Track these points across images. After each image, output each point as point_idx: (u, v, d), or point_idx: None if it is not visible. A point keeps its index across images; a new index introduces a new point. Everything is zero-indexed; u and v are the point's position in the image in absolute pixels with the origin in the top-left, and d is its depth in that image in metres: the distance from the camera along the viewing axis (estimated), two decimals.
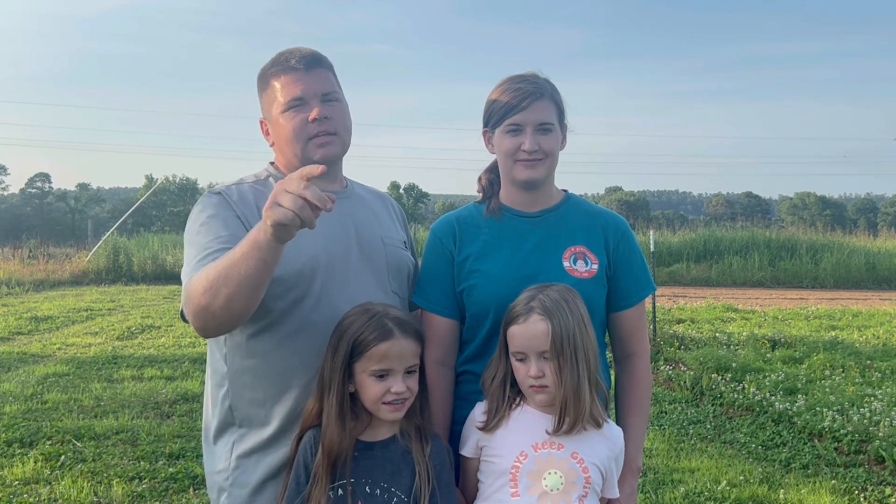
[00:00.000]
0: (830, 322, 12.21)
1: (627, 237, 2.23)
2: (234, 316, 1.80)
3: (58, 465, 5.29)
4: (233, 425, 2.09)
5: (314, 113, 2.06)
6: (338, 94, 2.15)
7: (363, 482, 1.88)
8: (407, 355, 1.90)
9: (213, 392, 2.16)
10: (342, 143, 2.15)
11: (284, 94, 2.08)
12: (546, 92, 2.13)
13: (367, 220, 2.22)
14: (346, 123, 2.16)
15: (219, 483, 2.09)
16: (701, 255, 22.32)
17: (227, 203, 2.05)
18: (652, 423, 6.57)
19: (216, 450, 2.13)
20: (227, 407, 2.09)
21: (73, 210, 69.59)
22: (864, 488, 5.01)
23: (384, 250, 2.19)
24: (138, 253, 22.29)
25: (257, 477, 2.03)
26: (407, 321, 1.94)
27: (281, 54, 2.15)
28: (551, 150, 2.13)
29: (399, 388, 1.88)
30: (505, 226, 2.20)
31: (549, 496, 1.91)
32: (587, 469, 1.93)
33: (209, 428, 2.16)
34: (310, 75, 2.09)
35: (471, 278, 2.16)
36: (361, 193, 2.30)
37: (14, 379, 8.07)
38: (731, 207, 77.91)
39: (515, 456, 1.95)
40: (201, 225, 2.01)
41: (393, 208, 2.40)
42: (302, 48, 2.15)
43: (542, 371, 1.92)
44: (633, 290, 2.22)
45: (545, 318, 1.91)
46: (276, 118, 2.12)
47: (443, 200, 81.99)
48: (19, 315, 13.16)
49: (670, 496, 4.80)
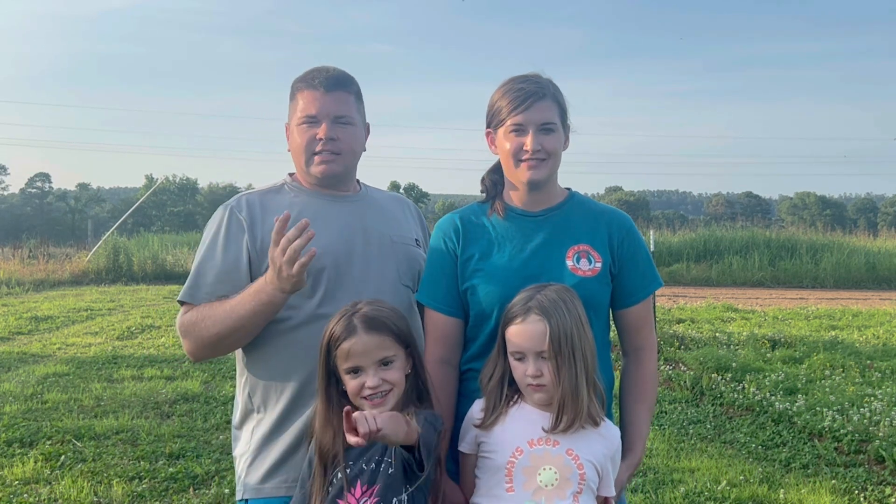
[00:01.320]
0: (830, 322, 12.21)
1: (632, 234, 2.24)
2: (233, 349, 2.24)
3: (58, 465, 5.29)
4: (253, 411, 2.27)
5: (321, 132, 2.25)
6: (352, 119, 2.30)
7: (360, 461, 1.91)
8: (373, 350, 1.92)
9: (238, 384, 2.35)
10: (344, 164, 2.31)
11: (302, 109, 2.27)
12: (549, 92, 2.16)
13: (377, 220, 2.37)
14: (353, 146, 2.33)
15: (241, 465, 2.26)
16: (701, 255, 22.33)
17: (233, 216, 2.27)
18: (652, 423, 6.53)
19: (240, 435, 2.30)
20: (247, 395, 2.28)
21: (73, 210, 69.55)
22: (864, 488, 5.01)
23: (392, 247, 2.34)
24: (138, 253, 22.29)
25: (270, 460, 2.19)
26: (376, 317, 1.96)
27: (311, 70, 2.32)
28: (554, 150, 2.15)
29: (372, 383, 1.91)
30: (508, 225, 2.22)
31: (544, 492, 1.93)
32: (582, 466, 1.95)
33: (235, 418, 2.35)
34: (328, 96, 2.26)
35: (474, 277, 2.18)
36: (375, 196, 2.47)
37: (14, 379, 8.07)
38: (731, 207, 77.89)
39: (511, 452, 1.97)
40: (208, 247, 2.27)
41: (410, 210, 2.56)
42: (331, 68, 2.33)
43: (541, 371, 1.94)
44: (638, 286, 2.24)
45: (543, 319, 1.94)
46: (292, 129, 2.32)
47: (443, 200, 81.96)
48: (19, 315, 13.16)
49: (670, 496, 4.80)
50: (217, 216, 2.30)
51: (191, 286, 2.22)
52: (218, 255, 2.22)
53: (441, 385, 2.14)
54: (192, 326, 2.16)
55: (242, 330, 2.12)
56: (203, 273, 2.22)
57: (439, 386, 2.13)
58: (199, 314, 2.15)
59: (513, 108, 2.13)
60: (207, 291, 2.19)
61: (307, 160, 2.28)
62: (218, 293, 2.18)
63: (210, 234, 2.27)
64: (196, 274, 2.23)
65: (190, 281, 2.23)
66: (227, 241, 2.23)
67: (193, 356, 2.23)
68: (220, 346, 2.18)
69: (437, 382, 2.12)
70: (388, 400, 1.93)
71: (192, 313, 2.17)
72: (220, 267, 2.21)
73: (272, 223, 2.16)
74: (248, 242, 2.22)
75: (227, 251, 2.22)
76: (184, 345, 2.22)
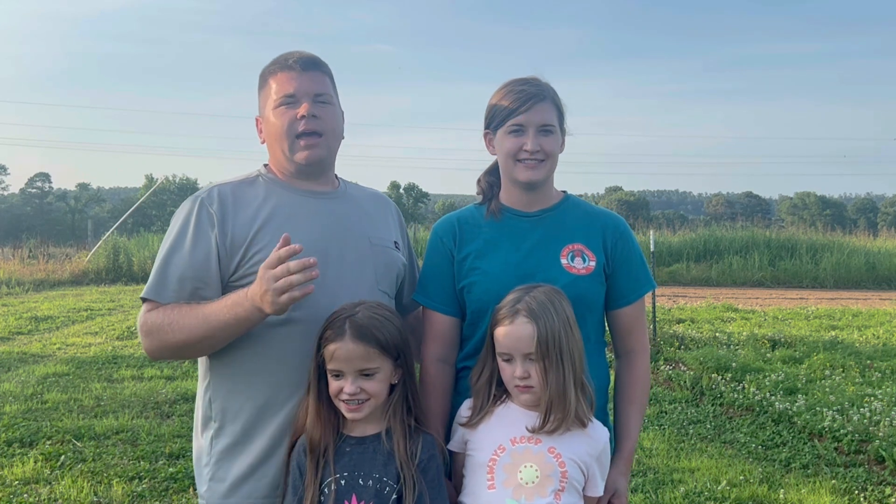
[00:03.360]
0: (830, 322, 12.20)
1: (626, 236, 2.26)
2: (197, 356, 2.14)
3: (58, 465, 5.29)
4: (211, 419, 2.13)
5: (303, 109, 2.11)
6: (331, 98, 2.20)
7: (356, 475, 1.91)
8: (355, 359, 1.91)
9: (199, 385, 2.22)
10: (327, 147, 2.18)
11: (278, 91, 2.14)
12: (548, 95, 2.18)
13: (355, 220, 2.25)
14: (335, 127, 2.20)
15: (202, 476, 2.14)
16: (701, 255, 22.31)
17: (203, 209, 2.11)
18: (652, 423, 6.57)
19: (201, 443, 2.16)
20: (208, 400, 2.14)
21: (73, 210, 69.49)
22: (864, 488, 5.01)
23: (371, 250, 2.22)
24: (138, 253, 22.26)
25: (234, 473, 2.07)
26: (367, 326, 1.93)
27: (281, 55, 2.22)
28: (552, 152, 2.18)
29: (350, 390, 1.91)
30: (504, 225, 2.24)
31: (524, 489, 1.93)
32: (564, 464, 1.95)
33: (196, 421, 2.22)
34: (305, 75, 2.15)
35: (470, 276, 2.20)
36: (354, 194, 2.33)
37: (14, 379, 8.07)
38: (731, 207, 77.80)
39: (493, 449, 1.99)
40: (174, 241, 2.11)
41: (390, 210, 2.43)
42: (302, 51, 2.22)
43: (528, 372, 1.95)
44: (631, 287, 2.25)
45: (531, 321, 1.94)
46: (268, 115, 2.17)
47: (443, 200, 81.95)
48: (19, 315, 13.16)
49: (670, 496, 4.80)
50: (185, 207, 2.14)
51: (156, 283, 2.06)
52: (186, 250, 2.07)
53: (438, 383, 2.18)
54: (156, 328, 2.02)
55: (211, 340, 2.00)
56: (169, 269, 2.07)
57: (436, 384, 2.17)
58: (166, 316, 2.01)
59: (513, 109, 2.15)
60: (174, 289, 2.05)
61: (290, 145, 2.13)
62: (186, 291, 2.05)
63: (177, 227, 2.11)
64: (162, 270, 2.07)
65: (155, 277, 2.07)
66: (196, 236, 2.07)
67: (152, 356, 2.09)
68: (185, 352, 2.06)
69: (434, 380, 2.16)
70: (363, 408, 1.93)
71: (159, 314, 2.02)
72: (188, 263, 2.06)
73: (243, 218, 2.11)
74: (217, 238, 2.07)
75: (196, 247, 2.06)
76: (143, 343, 2.07)
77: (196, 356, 2.13)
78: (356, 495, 1.89)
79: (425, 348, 2.23)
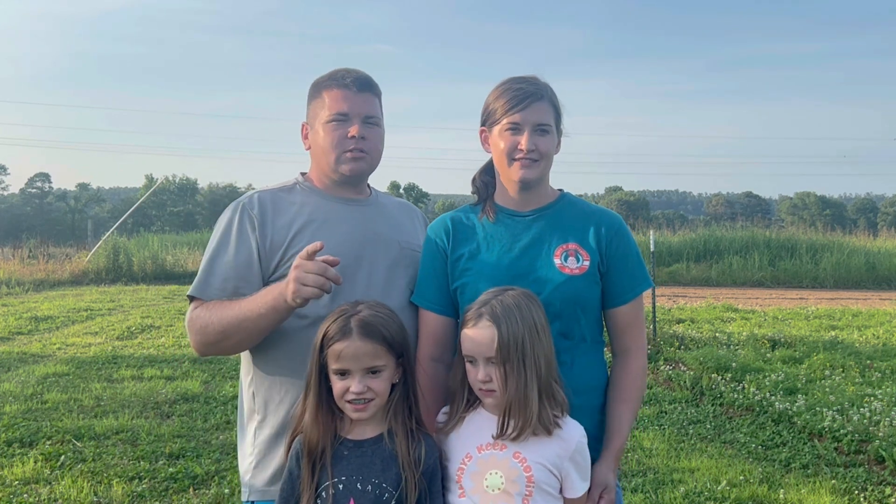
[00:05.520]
0: (830, 322, 12.21)
1: (621, 234, 2.25)
2: (239, 351, 2.24)
3: (58, 465, 5.30)
4: (254, 412, 2.26)
5: (353, 130, 2.25)
6: (378, 120, 2.33)
7: (354, 479, 1.91)
8: (363, 357, 1.91)
9: (243, 381, 2.34)
10: (370, 163, 2.33)
11: (331, 108, 2.27)
12: (546, 94, 2.18)
13: (386, 225, 2.38)
14: (379, 147, 2.36)
15: (246, 465, 2.25)
16: (701, 255, 22.31)
17: (245, 213, 2.27)
18: (652, 423, 6.58)
19: (246, 434, 2.29)
20: (251, 394, 2.28)
21: (73, 210, 69.48)
22: (864, 488, 5.01)
23: (400, 253, 2.34)
24: (138, 253, 22.28)
25: (276, 463, 2.17)
26: (373, 324, 1.94)
27: (339, 70, 2.34)
28: (547, 151, 2.17)
29: (357, 389, 1.90)
30: (498, 225, 2.24)
31: (490, 496, 1.93)
32: (530, 468, 1.94)
33: (241, 414, 2.34)
34: (359, 97, 2.28)
35: (464, 276, 2.21)
36: (384, 202, 2.49)
37: (14, 379, 8.07)
38: (731, 207, 77.78)
39: (461, 458, 1.99)
40: (218, 243, 2.27)
41: (417, 218, 2.57)
42: (359, 71, 2.35)
43: (490, 376, 1.94)
44: (627, 286, 2.24)
45: (493, 324, 1.93)
46: (318, 127, 2.31)
47: (443, 200, 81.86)
48: (19, 315, 13.16)
49: (670, 496, 4.80)
50: (228, 213, 2.31)
51: (202, 282, 2.22)
52: (230, 251, 2.22)
53: (433, 383, 2.18)
54: (199, 322, 2.16)
55: (246, 331, 2.11)
56: (214, 269, 2.22)
57: (431, 384, 2.17)
58: (209, 312, 2.16)
59: (510, 108, 2.15)
60: (218, 287, 2.20)
61: (337, 157, 2.27)
62: (228, 289, 2.19)
63: (221, 231, 2.28)
64: (207, 270, 2.23)
65: (201, 276, 2.23)
66: (239, 238, 2.23)
67: (199, 351, 2.23)
68: (225, 345, 2.18)
69: (428, 380, 2.16)
70: (369, 407, 1.93)
71: (203, 310, 2.17)
72: (232, 264, 2.21)
73: (282, 222, 2.25)
74: (258, 240, 2.22)
75: (240, 248, 2.22)
76: (190, 339, 2.22)
77: (236, 350, 2.24)
78: (354, 500, 1.89)
79: (420, 348, 2.23)
